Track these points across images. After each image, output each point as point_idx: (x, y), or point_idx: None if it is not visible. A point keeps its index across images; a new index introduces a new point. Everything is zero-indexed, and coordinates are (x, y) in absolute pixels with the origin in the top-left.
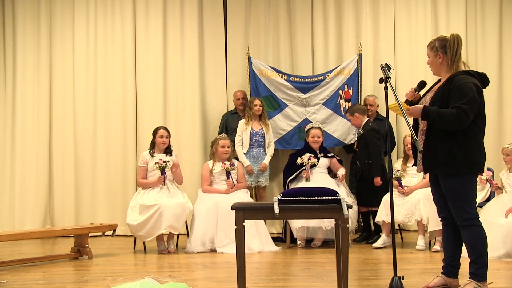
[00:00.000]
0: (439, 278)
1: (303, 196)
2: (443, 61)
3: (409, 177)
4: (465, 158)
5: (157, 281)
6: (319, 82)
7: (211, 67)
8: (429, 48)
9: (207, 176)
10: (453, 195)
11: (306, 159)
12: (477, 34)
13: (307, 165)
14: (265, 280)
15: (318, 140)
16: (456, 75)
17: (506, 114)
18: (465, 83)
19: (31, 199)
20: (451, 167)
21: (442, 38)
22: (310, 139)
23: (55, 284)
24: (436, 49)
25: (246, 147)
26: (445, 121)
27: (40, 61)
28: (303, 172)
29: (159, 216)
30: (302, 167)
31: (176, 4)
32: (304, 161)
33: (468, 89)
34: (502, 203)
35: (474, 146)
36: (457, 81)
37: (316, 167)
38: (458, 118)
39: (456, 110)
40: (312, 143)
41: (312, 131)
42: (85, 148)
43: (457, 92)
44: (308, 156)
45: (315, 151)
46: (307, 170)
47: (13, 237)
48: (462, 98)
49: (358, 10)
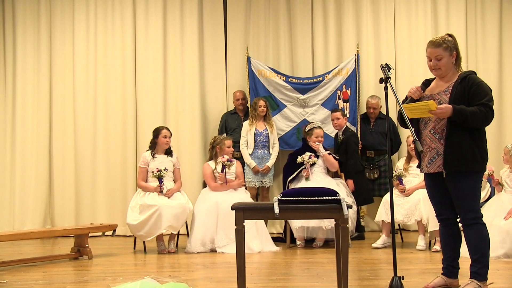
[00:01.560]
0: (439, 279)
1: (303, 196)
2: (455, 59)
3: (411, 177)
4: (481, 155)
5: (157, 281)
6: (318, 83)
7: (211, 67)
8: (441, 49)
9: (211, 174)
10: (465, 193)
11: (307, 158)
12: (477, 34)
13: (307, 164)
14: (265, 280)
15: (322, 140)
16: (469, 74)
17: (506, 114)
18: (482, 82)
19: (31, 199)
20: (473, 164)
21: (448, 38)
22: (313, 138)
23: (55, 284)
24: (450, 49)
25: (251, 148)
26: (477, 119)
27: (40, 61)
28: (303, 171)
29: (159, 216)
30: (302, 166)
31: (176, 4)
32: (305, 160)
33: (487, 88)
34: (501, 202)
35: (485, 143)
36: (474, 80)
37: (315, 165)
38: (487, 116)
39: (484, 108)
40: (314, 144)
41: (317, 131)
42: (85, 148)
43: (479, 90)
44: (309, 155)
45: (314, 150)
46: (307, 169)
47: (13, 237)
48: (484, 96)
49: (358, 11)
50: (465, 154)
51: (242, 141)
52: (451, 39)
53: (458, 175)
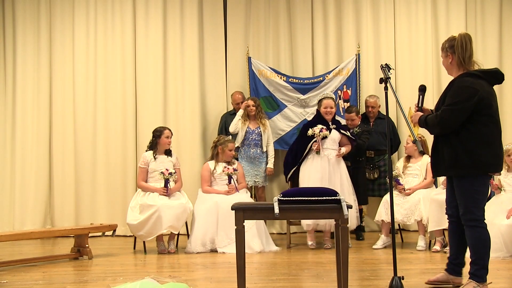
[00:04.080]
0: (442, 274)
1: (303, 196)
2: (452, 61)
3: (410, 177)
4: (471, 159)
5: (157, 281)
6: (318, 83)
7: (211, 67)
8: (441, 49)
9: (207, 177)
10: (460, 195)
11: (318, 131)
12: (477, 35)
13: (318, 138)
14: (265, 280)
15: (331, 111)
16: (458, 77)
17: (506, 114)
18: (462, 86)
19: (31, 199)
20: (456, 169)
21: (451, 38)
22: (322, 109)
23: (55, 284)
24: (446, 50)
25: (238, 142)
26: (431, 125)
27: (40, 61)
28: (313, 144)
29: (160, 216)
30: (313, 139)
31: (176, 5)
32: (316, 132)
33: (461, 91)
34: (501, 202)
35: (481, 146)
36: (457, 83)
37: (327, 139)
38: (440, 122)
39: (440, 113)
40: (325, 114)
41: (325, 102)
42: (85, 148)
43: (451, 94)
44: (320, 127)
45: (327, 122)
46: (318, 142)
47: (13, 237)
48: (452, 100)
49: (358, 11)
50: (446, 160)
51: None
52: (453, 40)
53: (456, 179)
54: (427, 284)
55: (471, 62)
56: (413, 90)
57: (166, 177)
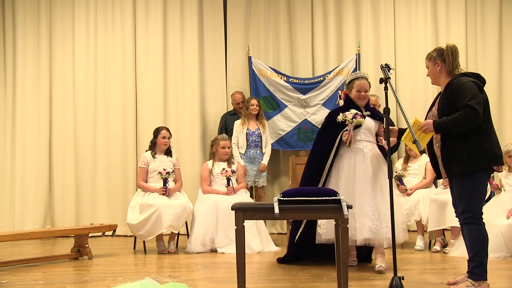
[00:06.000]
0: (462, 276)
1: (303, 196)
2: (441, 68)
3: (410, 177)
4: (477, 153)
5: (157, 282)
6: (319, 83)
7: (211, 67)
8: (427, 59)
9: (206, 176)
10: (461, 195)
11: (350, 117)
12: (477, 36)
13: (350, 126)
14: (265, 280)
15: (365, 94)
16: (453, 79)
17: (506, 114)
18: (464, 83)
19: (31, 199)
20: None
21: (439, 48)
22: (354, 93)
23: (55, 284)
24: (434, 58)
25: (243, 148)
26: (459, 123)
27: (40, 61)
28: (344, 134)
29: (160, 215)
30: (344, 129)
31: (176, 5)
32: (348, 119)
33: (468, 87)
34: (501, 203)
35: (486, 140)
36: (456, 83)
37: (361, 128)
38: (468, 116)
39: (463, 109)
40: (357, 99)
41: (358, 83)
42: (85, 148)
43: (459, 93)
44: (354, 113)
45: (360, 109)
46: (349, 131)
47: (13, 237)
48: (464, 98)
49: (358, 11)
50: (460, 157)
51: (233, 141)
52: (441, 50)
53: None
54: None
55: (459, 70)
56: (413, 90)
57: (164, 176)
